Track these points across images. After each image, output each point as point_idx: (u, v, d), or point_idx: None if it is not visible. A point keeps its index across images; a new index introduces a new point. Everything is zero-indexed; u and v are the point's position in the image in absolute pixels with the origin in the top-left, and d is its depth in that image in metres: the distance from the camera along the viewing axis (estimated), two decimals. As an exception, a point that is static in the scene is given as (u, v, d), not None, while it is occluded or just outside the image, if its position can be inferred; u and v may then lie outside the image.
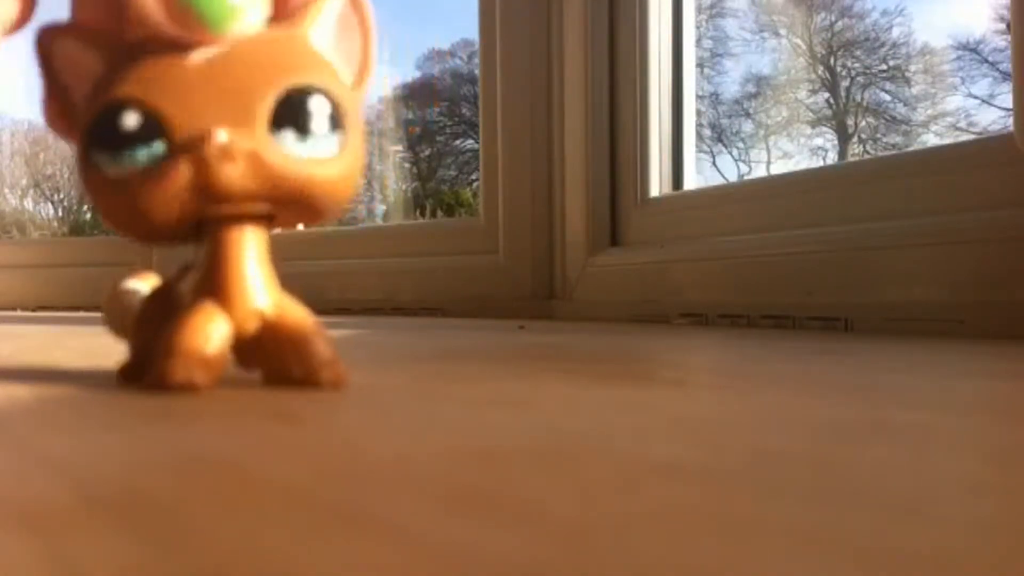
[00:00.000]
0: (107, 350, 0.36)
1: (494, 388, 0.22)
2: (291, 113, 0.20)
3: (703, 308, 0.67)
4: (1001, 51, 0.66)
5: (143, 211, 0.20)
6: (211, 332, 0.20)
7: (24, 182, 1.50)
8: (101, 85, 0.20)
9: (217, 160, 0.19)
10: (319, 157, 0.20)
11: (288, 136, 0.20)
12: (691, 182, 0.78)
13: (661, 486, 0.11)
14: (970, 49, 0.68)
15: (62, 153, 1.54)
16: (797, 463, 0.13)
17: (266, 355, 0.21)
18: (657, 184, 0.77)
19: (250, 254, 0.21)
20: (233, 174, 0.19)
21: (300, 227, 0.24)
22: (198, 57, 0.20)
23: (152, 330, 0.22)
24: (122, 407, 0.18)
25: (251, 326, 0.21)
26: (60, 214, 1.55)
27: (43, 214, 1.54)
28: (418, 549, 0.08)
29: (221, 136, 0.19)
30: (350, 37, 0.22)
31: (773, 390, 0.23)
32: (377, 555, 0.08)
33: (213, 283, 0.21)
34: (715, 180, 0.82)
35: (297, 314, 0.21)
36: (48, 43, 0.22)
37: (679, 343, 0.49)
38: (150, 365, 0.20)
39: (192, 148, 0.19)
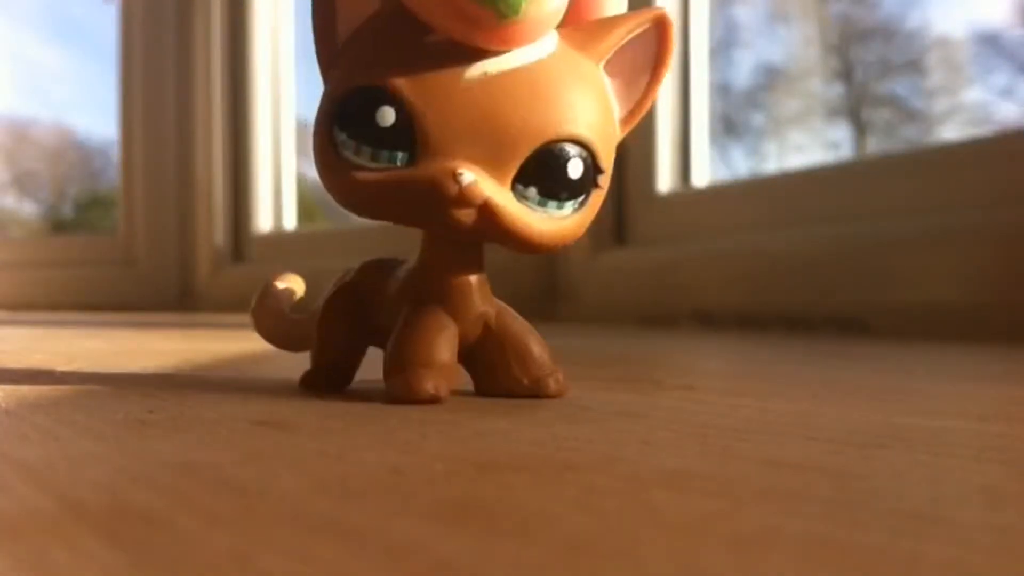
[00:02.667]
0: (89, 353, 0.36)
1: (491, 395, 0.22)
2: (543, 172, 0.18)
3: (713, 309, 0.67)
4: (1019, 42, 0.65)
5: (362, 209, 0.19)
6: (444, 339, 0.19)
7: (4, 178, 1.51)
8: (366, 45, 0.19)
9: (452, 201, 0.18)
10: (554, 216, 0.19)
11: (532, 193, 0.18)
12: (702, 177, 0.77)
13: (670, 496, 0.11)
14: (988, 41, 0.67)
15: (44, 149, 1.55)
16: (811, 471, 0.13)
17: (487, 364, 0.20)
18: (665, 179, 0.77)
19: (472, 258, 0.20)
20: (463, 219, 0.18)
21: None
22: (475, 71, 0.18)
23: (341, 336, 0.22)
24: (106, 414, 0.18)
25: (475, 333, 0.20)
26: (42, 211, 1.56)
27: (24, 211, 1.55)
28: (415, 563, 0.08)
29: (466, 178, 0.18)
30: (640, 64, 0.20)
31: (786, 396, 0.22)
32: (371, 569, 0.08)
33: (438, 288, 0.20)
34: (724, 174, 0.82)
35: (516, 321, 0.20)
36: None
37: (688, 346, 0.48)
38: (392, 376, 0.19)
39: (435, 176, 0.18)
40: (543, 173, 0.18)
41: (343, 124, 0.19)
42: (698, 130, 0.77)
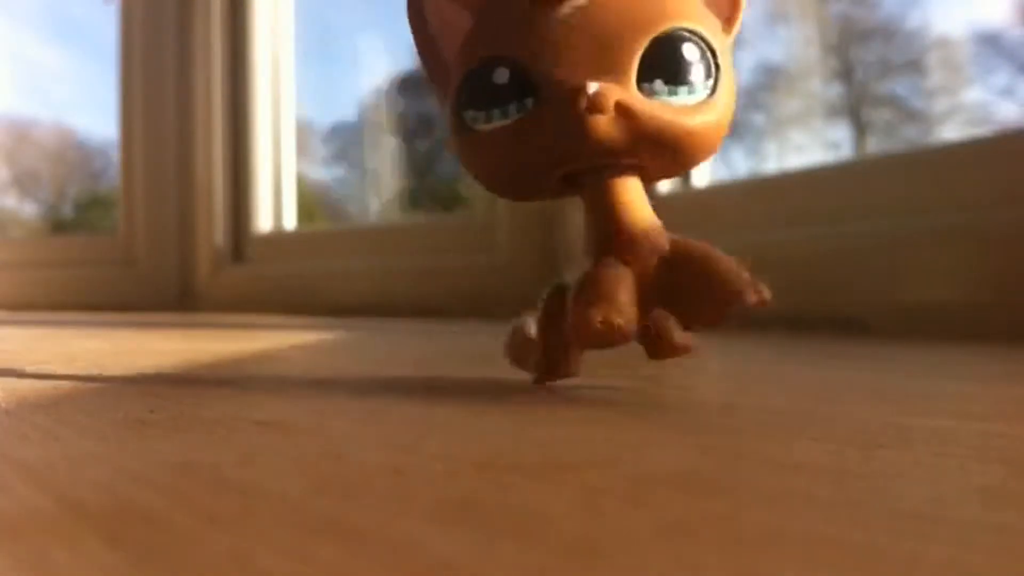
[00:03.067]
0: (89, 353, 0.36)
1: (493, 393, 0.22)
2: (662, 62, 0.19)
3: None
4: (1021, 41, 0.65)
5: (514, 165, 0.20)
6: (619, 282, 0.19)
7: (5, 178, 1.51)
8: (470, 41, 0.20)
9: (588, 112, 0.19)
10: (690, 105, 0.19)
11: (659, 85, 0.19)
12: (702, 177, 0.77)
13: (670, 497, 0.11)
14: (988, 41, 0.67)
15: (44, 149, 1.55)
16: (812, 472, 0.12)
17: (679, 294, 0.20)
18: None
19: (631, 201, 0.20)
20: (603, 126, 0.19)
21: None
22: (566, 8, 0.19)
23: (555, 329, 0.22)
24: (106, 414, 0.18)
25: (651, 270, 0.20)
26: (42, 211, 1.55)
27: (25, 211, 1.55)
28: (414, 564, 0.08)
29: (592, 87, 0.18)
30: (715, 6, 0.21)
31: (786, 396, 0.22)
32: (371, 570, 0.08)
33: (605, 236, 0.20)
34: (724, 174, 0.82)
35: (697, 246, 0.20)
36: (419, 4, 0.22)
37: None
38: (570, 321, 0.19)
39: (563, 101, 0.19)
40: (661, 63, 0.19)
41: (466, 104, 0.20)
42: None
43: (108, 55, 1.27)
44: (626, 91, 0.19)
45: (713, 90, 0.20)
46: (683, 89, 0.19)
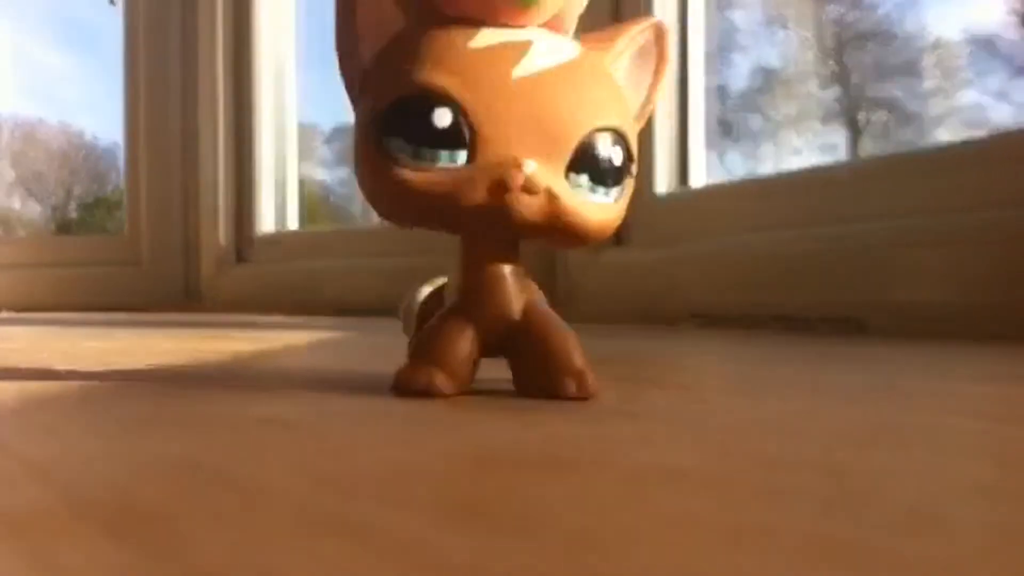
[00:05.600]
0: (93, 352, 0.36)
1: (493, 392, 0.22)
2: (593, 158, 0.19)
3: (711, 309, 0.67)
4: (1016, 44, 0.65)
5: (424, 212, 0.19)
6: (459, 338, 0.20)
7: (10, 179, 1.51)
8: (403, 55, 0.19)
9: (518, 191, 0.18)
10: (602, 204, 0.20)
11: (584, 180, 0.19)
12: (699, 179, 0.77)
13: (669, 494, 0.11)
14: (983, 44, 0.67)
15: (50, 150, 1.55)
16: (808, 470, 0.13)
17: (518, 363, 0.21)
18: (664, 181, 0.77)
19: (506, 259, 0.20)
20: (530, 208, 0.19)
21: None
22: (521, 71, 0.19)
23: None
24: (111, 412, 0.18)
25: (499, 332, 0.20)
26: (47, 212, 1.56)
27: (30, 212, 1.55)
28: (416, 561, 0.08)
29: (530, 167, 0.18)
30: (642, 67, 0.21)
31: (783, 395, 0.23)
32: (373, 567, 0.08)
33: (467, 288, 0.20)
34: (722, 176, 0.82)
35: (549, 322, 0.20)
36: None
37: (686, 346, 0.48)
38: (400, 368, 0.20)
39: (495, 171, 0.18)
40: (592, 161, 0.19)
41: (396, 131, 0.19)
42: (696, 132, 0.78)
43: (113, 57, 1.27)
44: (556, 178, 0.19)
45: (621, 194, 0.20)
46: (602, 190, 0.20)
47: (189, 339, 0.48)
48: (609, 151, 0.19)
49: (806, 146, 0.82)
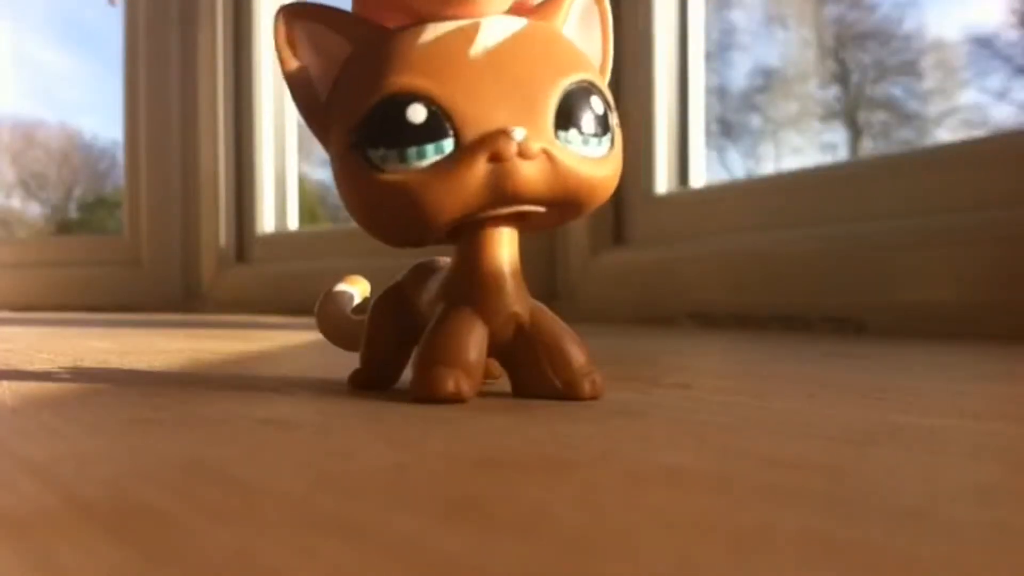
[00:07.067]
0: (94, 352, 0.36)
1: (493, 391, 0.22)
2: (576, 112, 0.19)
3: (710, 309, 0.67)
4: (1016, 44, 0.65)
5: (426, 213, 0.18)
6: (472, 339, 0.19)
7: (11, 179, 1.51)
8: (364, 72, 0.19)
9: (515, 159, 0.18)
10: (598, 156, 0.19)
11: (573, 135, 0.19)
12: (699, 178, 0.77)
13: (668, 494, 0.11)
14: (983, 44, 0.67)
15: (50, 150, 1.55)
16: (808, 468, 0.13)
17: (520, 363, 0.20)
18: (663, 180, 0.77)
19: (506, 257, 0.20)
20: (529, 172, 0.18)
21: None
22: (477, 48, 0.19)
23: (387, 336, 0.22)
24: (111, 412, 0.18)
25: (507, 332, 0.20)
26: (47, 212, 1.56)
27: (30, 212, 1.55)
28: (416, 560, 0.08)
29: (519, 134, 0.18)
30: (588, 34, 0.21)
31: (783, 394, 0.23)
32: (375, 566, 0.08)
33: (468, 287, 0.20)
34: (721, 176, 0.82)
35: (552, 321, 0.20)
36: (288, 32, 0.20)
37: (685, 345, 0.48)
38: (415, 374, 0.20)
39: (486, 146, 0.18)
40: (576, 114, 0.19)
41: (376, 141, 0.18)
42: (695, 132, 0.78)
43: (113, 57, 1.27)
44: (547, 139, 0.19)
45: (612, 145, 0.20)
46: (594, 141, 0.19)
47: (189, 339, 0.48)
48: (590, 100, 0.19)
49: (806, 145, 0.82)
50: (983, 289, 0.49)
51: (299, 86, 0.20)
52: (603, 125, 0.19)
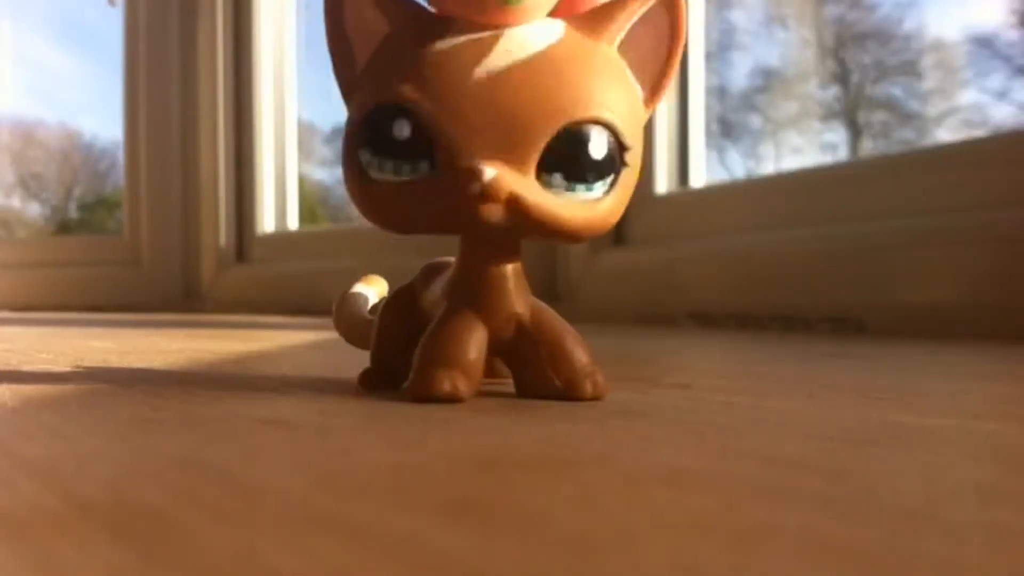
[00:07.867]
0: (94, 352, 0.36)
1: (492, 393, 0.22)
2: (566, 156, 0.18)
3: (710, 309, 0.67)
4: (1016, 44, 0.66)
5: (402, 221, 0.19)
6: (471, 340, 0.19)
7: (11, 179, 1.51)
8: (380, 65, 0.19)
9: (478, 198, 0.18)
10: (585, 201, 0.19)
11: (557, 180, 0.18)
12: (699, 178, 0.77)
13: (667, 494, 0.11)
14: (983, 44, 0.67)
15: (50, 150, 1.55)
16: (808, 468, 0.13)
17: (522, 363, 0.20)
18: (663, 180, 0.77)
19: (507, 257, 0.20)
20: (491, 215, 0.18)
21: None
22: (484, 69, 0.18)
23: (395, 336, 0.22)
24: (111, 412, 0.18)
25: (508, 332, 0.20)
26: (47, 212, 1.56)
27: (30, 212, 1.55)
28: (416, 560, 0.08)
29: (488, 174, 0.18)
30: (653, 37, 0.20)
31: (783, 394, 0.23)
32: (375, 566, 0.08)
33: (469, 288, 0.20)
34: (721, 176, 0.82)
35: (554, 320, 0.20)
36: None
37: (685, 345, 0.48)
38: (414, 373, 0.20)
39: (455, 179, 0.18)
40: (565, 157, 0.18)
41: (366, 144, 0.19)
42: (696, 132, 0.78)
43: (113, 57, 1.27)
44: (523, 179, 0.18)
45: (611, 187, 0.19)
46: (581, 187, 0.19)
47: (189, 339, 0.48)
48: (586, 145, 0.18)
49: (806, 145, 0.82)
50: (983, 289, 0.49)
51: (337, 54, 0.20)
52: (599, 170, 0.19)
